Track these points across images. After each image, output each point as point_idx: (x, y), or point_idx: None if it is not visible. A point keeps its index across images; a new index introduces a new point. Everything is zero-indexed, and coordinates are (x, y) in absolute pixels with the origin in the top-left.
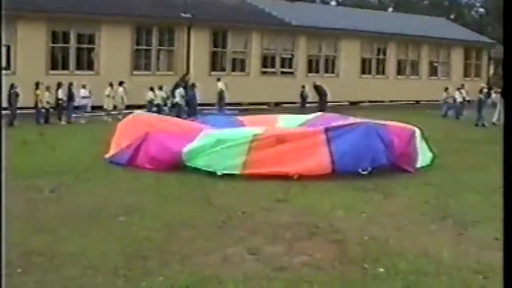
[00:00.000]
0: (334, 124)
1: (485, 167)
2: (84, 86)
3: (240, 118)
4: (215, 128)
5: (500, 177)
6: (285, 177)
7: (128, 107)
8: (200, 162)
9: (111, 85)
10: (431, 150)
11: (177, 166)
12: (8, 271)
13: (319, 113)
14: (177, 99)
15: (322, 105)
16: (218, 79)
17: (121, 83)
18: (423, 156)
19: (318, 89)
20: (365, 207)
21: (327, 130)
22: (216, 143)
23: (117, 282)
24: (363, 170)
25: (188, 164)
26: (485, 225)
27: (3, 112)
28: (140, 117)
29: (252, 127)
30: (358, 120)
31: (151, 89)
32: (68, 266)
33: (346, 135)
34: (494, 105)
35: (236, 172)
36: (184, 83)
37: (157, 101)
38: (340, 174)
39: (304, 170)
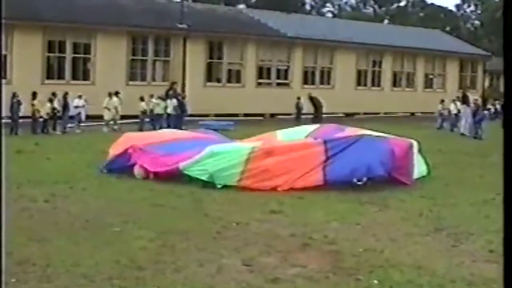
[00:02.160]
0: (333, 136)
1: (479, 179)
2: (80, 96)
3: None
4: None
5: (493, 188)
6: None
7: (123, 117)
8: (196, 172)
9: (109, 95)
10: (426, 162)
11: (173, 176)
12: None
13: (317, 125)
14: (170, 109)
15: (317, 117)
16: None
17: (116, 93)
18: (419, 169)
19: (313, 100)
20: (360, 218)
21: (325, 142)
22: (211, 155)
23: None
24: (358, 181)
25: (184, 172)
26: (479, 237)
27: (5, 121)
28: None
29: (250, 142)
30: (358, 131)
31: (142, 99)
32: (62, 275)
33: (344, 146)
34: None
35: (233, 183)
36: (174, 92)
37: (157, 110)
38: (334, 185)
39: (295, 184)
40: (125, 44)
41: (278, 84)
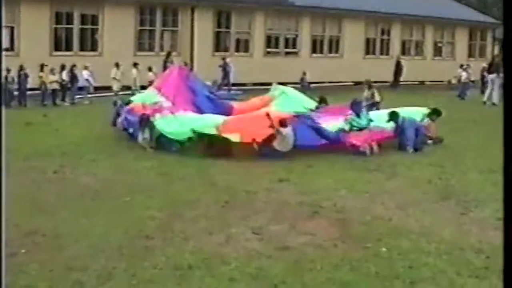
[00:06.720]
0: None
1: (487, 146)
2: (86, 68)
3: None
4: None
5: (502, 156)
6: (287, 157)
7: (129, 87)
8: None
9: (116, 65)
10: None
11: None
12: (12, 251)
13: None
14: None
15: (395, 84)
16: None
17: (135, 65)
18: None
19: (398, 65)
20: (368, 186)
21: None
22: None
23: (120, 261)
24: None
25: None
26: (488, 205)
27: (14, 93)
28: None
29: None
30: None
31: (150, 69)
32: (71, 246)
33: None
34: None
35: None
36: (171, 63)
37: None
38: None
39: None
40: (133, 14)
41: (287, 53)
